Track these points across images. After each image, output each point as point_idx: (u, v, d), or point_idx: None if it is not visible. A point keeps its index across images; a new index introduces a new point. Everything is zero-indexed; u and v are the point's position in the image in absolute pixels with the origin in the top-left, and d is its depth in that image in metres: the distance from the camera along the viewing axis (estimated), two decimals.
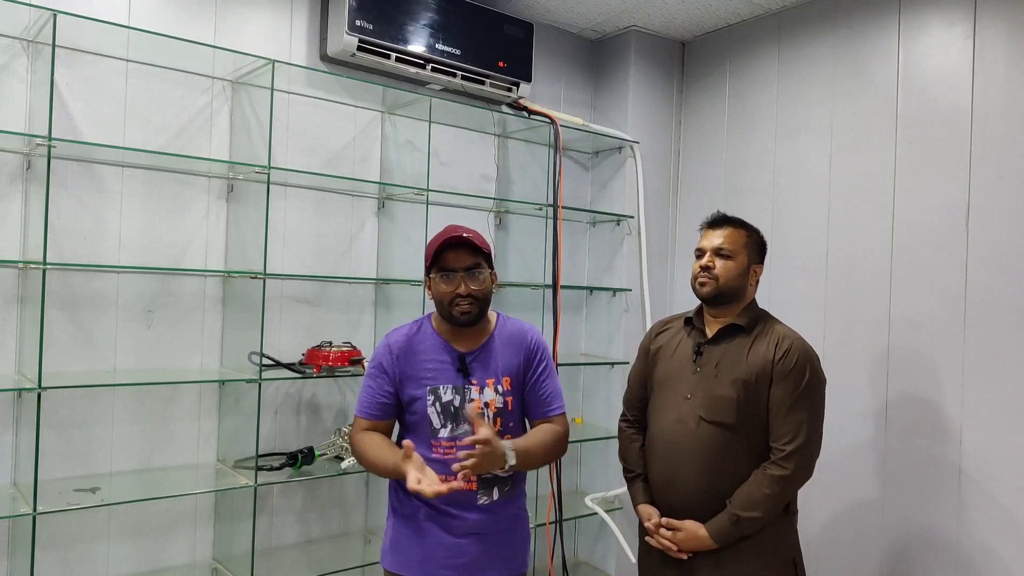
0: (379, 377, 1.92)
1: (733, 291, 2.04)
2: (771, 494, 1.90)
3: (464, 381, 1.88)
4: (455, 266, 1.85)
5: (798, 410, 1.94)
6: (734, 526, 1.92)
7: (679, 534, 1.98)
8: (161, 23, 2.40)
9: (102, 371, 2.34)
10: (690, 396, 2.02)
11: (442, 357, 1.90)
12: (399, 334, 1.96)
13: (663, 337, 2.19)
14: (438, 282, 1.87)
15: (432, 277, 1.89)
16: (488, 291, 1.90)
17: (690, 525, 1.97)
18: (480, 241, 1.88)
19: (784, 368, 1.95)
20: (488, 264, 1.91)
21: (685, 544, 1.97)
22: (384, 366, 1.91)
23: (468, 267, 1.85)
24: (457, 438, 1.84)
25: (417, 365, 1.89)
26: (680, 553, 1.98)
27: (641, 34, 3.38)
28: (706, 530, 1.94)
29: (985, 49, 2.46)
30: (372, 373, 1.94)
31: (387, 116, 2.90)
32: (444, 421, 1.86)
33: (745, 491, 1.93)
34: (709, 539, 1.94)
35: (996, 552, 2.36)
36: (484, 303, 1.89)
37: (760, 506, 1.90)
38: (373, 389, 1.92)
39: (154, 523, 2.43)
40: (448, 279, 1.85)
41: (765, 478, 1.92)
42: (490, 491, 1.87)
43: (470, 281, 1.85)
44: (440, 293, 1.87)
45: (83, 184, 2.30)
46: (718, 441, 1.96)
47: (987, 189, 2.43)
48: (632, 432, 2.21)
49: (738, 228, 2.08)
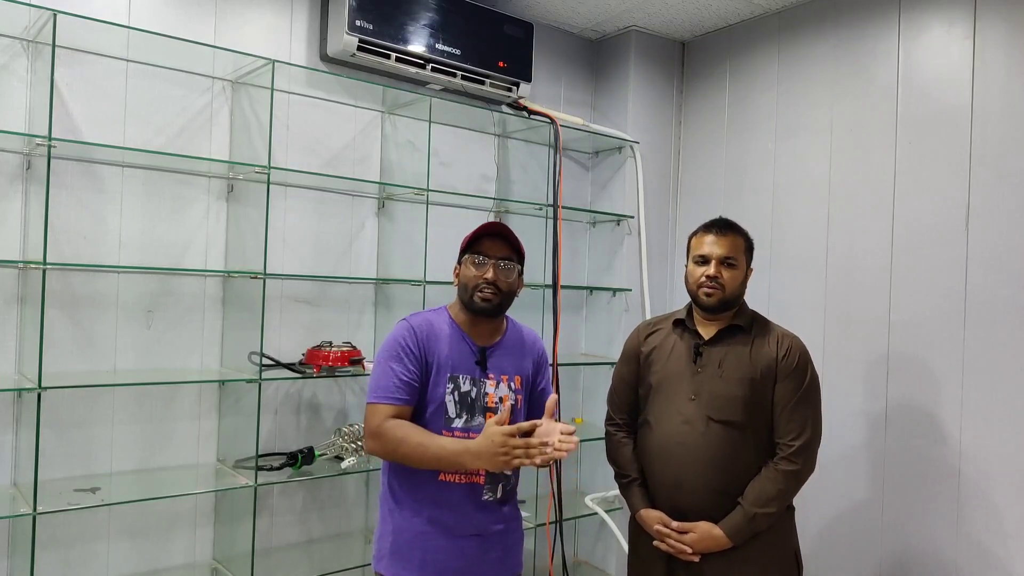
0: (405, 358, 1.82)
1: (736, 299, 2.07)
2: (784, 489, 1.95)
3: (482, 374, 1.88)
4: (489, 253, 1.87)
5: (803, 406, 1.98)
6: (749, 523, 1.93)
7: (692, 536, 1.98)
8: (161, 23, 2.40)
9: (102, 371, 2.34)
10: (695, 397, 2.02)
11: (462, 347, 1.89)
12: (420, 318, 1.92)
13: (654, 339, 2.18)
14: (469, 265, 1.88)
15: (464, 260, 1.90)
16: (513, 289, 1.92)
17: (703, 526, 1.97)
18: (517, 241, 1.92)
19: (788, 366, 1.99)
20: (520, 264, 1.93)
21: (699, 545, 1.97)
22: (411, 347, 1.84)
23: (501, 257, 1.87)
24: (471, 429, 1.83)
25: (439, 350, 1.87)
26: (693, 556, 1.98)
27: (641, 34, 3.38)
28: (721, 529, 1.95)
29: (985, 49, 2.46)
30: (394, 355, 1.83)
31: (387, 116, 2.90)
32: (460, 411, 1.84)
33: (758, 487, 1.95)
34: (725, 538, 1.95)
35: (994, 553, 2.36)
36: (507, 298, 1.90)
37: (774, 502, 1.94)
38: (397, 371, 1.81)
39: (154, 523, 2.43)
40: (480, 263, 1.86)
41: (778, 474, 1.94)
42: (495, 488, 1.88)
43: (500, 272, 1.86)
44: (468, 277, 1.88)
45: (83, 184, 2.30)
46: (727, 440, 1.98)
47: (987, 189, 2.43)
48: (622, 436, 2.20)
49: (738, 235, 2.09)
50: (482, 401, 1.87)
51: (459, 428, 1.84)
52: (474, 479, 1.84)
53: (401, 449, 1.76)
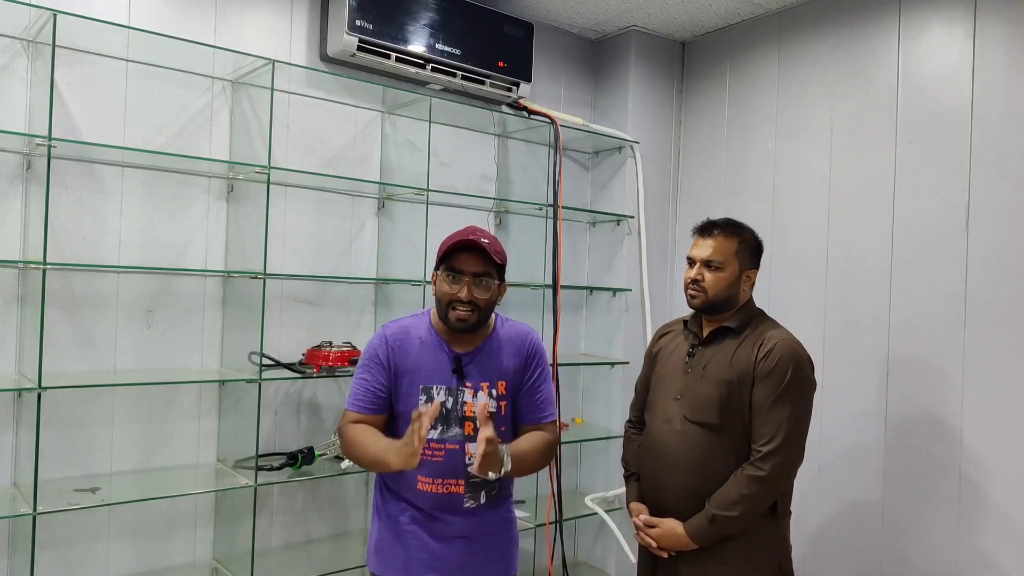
0: (374, 369, 1.84)
1: (723, 301, 2.03)
2: (748, 495, 1.89)
3: (458, 383, 1.83)
4: (464, 269, 1.78)
5: (778, 411, 1.91)
6: (710, 525, 1.91)
7: (656, 531, 2.00)
8: (161, 23, 2.40)
9: (102, 371, 2.34)
10: (679, 397, 2.04)
11: (438, 356, 1.85)
12: (396, 326, 1.90)
13: (664, 340, 2.21)
14: (443, 281, 1.81)
15: (438, 274, 1.83)
16: (492, 302, 1.84)
17: (668, 523, 1.98)
18: (496, 250, 1.82)
19: (765, 368, 1.94)
20: (499, 275, 1.84)
21: (663, 541, 1.99)
22: (380, 357, 1.84)
23: (476, 273, 1.79)
24: (446, 440, 1.80)
25: (412, 361, 1.84)
26: (660, 551, 1.99)
27: (641, 34, 3.38)
28: (683, 528, 1.95)
29: (985, 49, 2.46)
30: (366, 365, 1.86)
31: (387, 116, 2.90)
32: (435, 423, 1.78)
33: (722, 491, 1.93)
34: (686, 537, 1.94)
35: (995, 554, 2.36)
36: (485, 312, 1.83)
37: (737, 506, 1.89)
38: (367, 381, 1.84)
39: (154, 523, 2.44)
40: (453, 280, 1.79)
41: (742, 478, 1.91)
42: (477, 495, 1.84)
43: (476, 288, 1.78)
44: (442, 293, 1.82)
45: (83, 184, 2.30)
46: (702, 442, 1.97)
47: (987, 189, 2.43)
48: (633, 432, 2.25)
49: (729, 236, 2.04)
50: (459, 411, 1.82)
51: (434, 439, 1.80)
52: (453, 489, 1.80)
53: (352, 452, 1.82)
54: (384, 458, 1.71)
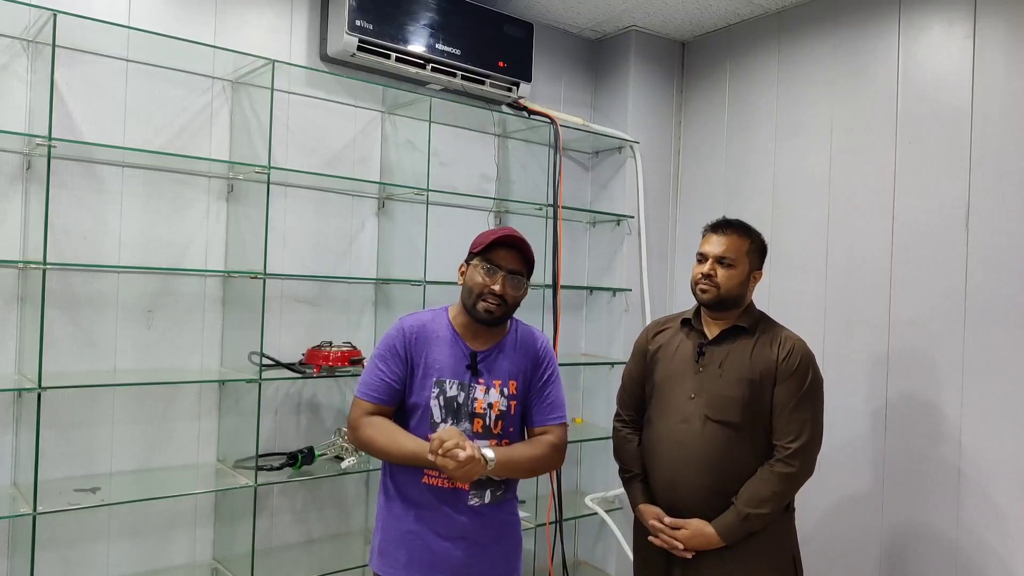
0: (391, 360, 1.86)
1: (733, 298, 2.06)
2: (778, 491, 1.94)
3: (472, 379, 1.86)
4: (501, 264, 1.84)
5: (802, 409, 1.97)
6: (742, 523, 1.93)
7: (684, 532, 1.99)
8: (161, 23, 2.40)
9: (102, 371, 2.34)
10: (694, 396, 2.03)
11: (454, 351, 1.87)
12: (414, 319, 1.92)
13: (662, 337, 2.20)
14: (478, 272, 1.85)
15: (473, 264, 1.87)
16: (519, 301, 1.90)
17: (696, 523, 1.98)
18: (531, 254, 1.90)
19: (788, 368, 1.99)
20: (529, 277, 1.90)
21: (691, 542, 1.98)
22: (397, 348, 1.86)
23: (512, 270, 1.84)
24: None
25: (428, 354, 1.86)
26: (685, 552, 1.99)
27: (641, 34, 3.38)
28: (713, 528, 1.96)
29: (985, 49, 2.46)
30: (382, 355, 1.87)
31: (387, 116, 2.90)
32: (445, 416, 1.83)
33: (752, 488, 1.95)
34: (716, 536, 1.95)
35: (994, 551, 2.36)
36: (510, 309, 1.88)
37: (768, 503, 1.93)
38: (383, 371, 1.86)
39: (154, 523, 2.43)
40: (490, 273, 1.83)
41: (772, 475, 1.94)
42: (482, 493, 1.85)
43: (509, 284, 1.84)
44: (474, 283, 1.85)
45: (83, 184, 2.30)
46: (723, 440, 1.98)
47: (987, 189, 2.43)
48: (628, 432, 2.22)
49: (742, 236, 2.08)
50: (470, 407, 1.85)
51: None
52: (458, 484, 1.81)
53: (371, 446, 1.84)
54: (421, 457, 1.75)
